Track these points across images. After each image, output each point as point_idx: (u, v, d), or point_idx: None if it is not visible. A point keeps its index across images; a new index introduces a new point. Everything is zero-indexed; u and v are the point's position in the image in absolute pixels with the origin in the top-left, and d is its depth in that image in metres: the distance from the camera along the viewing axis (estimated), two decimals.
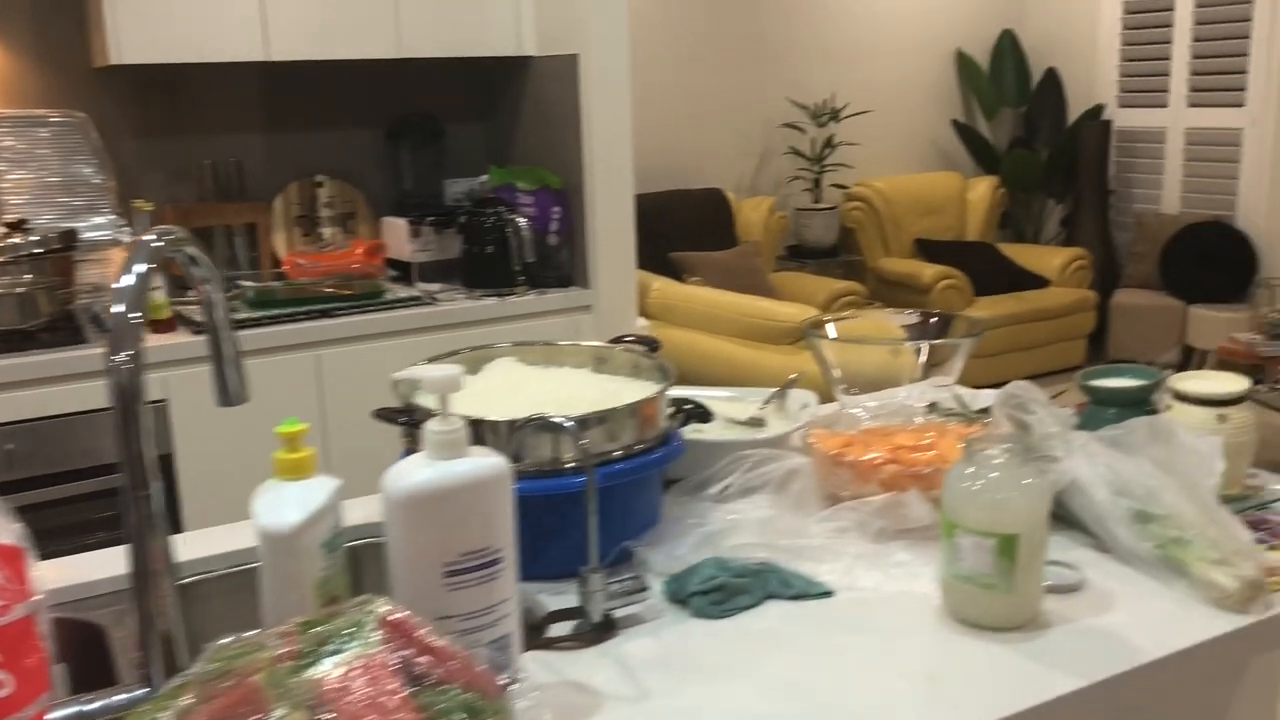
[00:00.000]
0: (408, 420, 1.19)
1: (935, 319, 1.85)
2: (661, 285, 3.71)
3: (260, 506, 0.88)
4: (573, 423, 1.08)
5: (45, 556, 0.95)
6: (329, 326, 2.75)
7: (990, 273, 5.53)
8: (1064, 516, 1.26)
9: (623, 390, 1.28)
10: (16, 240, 2.54)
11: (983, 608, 1.05)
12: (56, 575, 1.16)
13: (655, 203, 5.10)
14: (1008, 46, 6.19)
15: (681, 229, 5.12)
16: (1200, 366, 5.23)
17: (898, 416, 1.43)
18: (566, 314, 2.97)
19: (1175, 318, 5.44)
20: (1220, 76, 5.46)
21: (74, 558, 1.21)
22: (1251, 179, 5.40)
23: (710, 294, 3.41)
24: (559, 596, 1.12)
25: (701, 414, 1.50)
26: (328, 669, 0.69)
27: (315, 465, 0.90)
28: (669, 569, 1.17)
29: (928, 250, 5.70)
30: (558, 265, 2.99)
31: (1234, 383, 1.33)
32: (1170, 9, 5.61)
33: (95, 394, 2.45)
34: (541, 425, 1.09)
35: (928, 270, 5.33)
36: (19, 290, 2.52)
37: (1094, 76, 6.04)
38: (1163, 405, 1.37)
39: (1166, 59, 5.67)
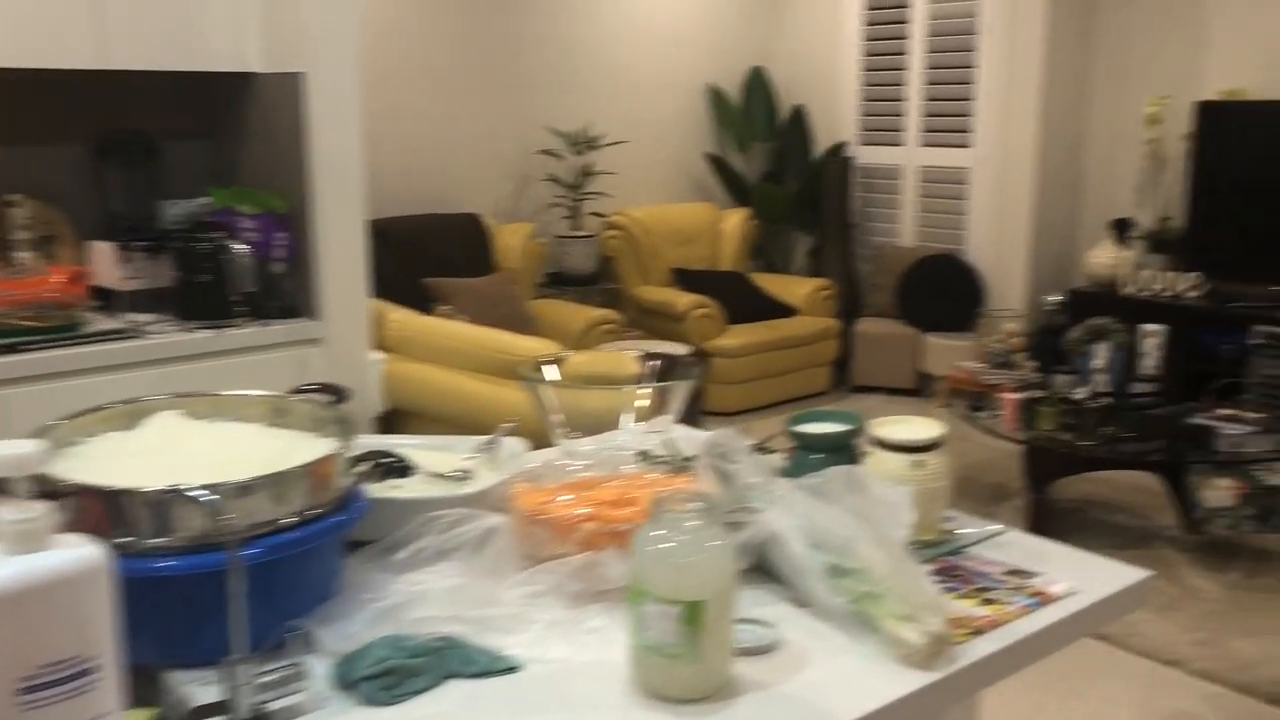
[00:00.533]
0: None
1: (660, 358, 1.81)
2: (401, 316, 3.55)
3: None
4: (213, 494, 0.95)
5: None
6: (18, 363, 2.46)
7: (742, 301, 5.66)
8: (766, 569, 1.23)
9: (298, 448, 1.16)
10: None
11: (670, 679, 1.00)
12: None
13: (409, 227, 4.95)
14: (757, 83, 6.40)
15: (437, 255, 4.98)
16: (936, 392, 5.53)
17: (608, 465, 1.37)
18: (292, 347, 2.78)
19: (912, 345, 5.73)
20: (949, 118, 5.83)
21: None
22: (978, 214, 5.78)
23: (450, 326, 3.27)
24: (213, 686, 0.99)
25: (401, 468, 1.40)
26: None
27: None
28: (342, 649, 1.06)
29: (684, 279, 5.79)
30: (282, 295, 2.81)
31: (929, 428, 1.34)
32: (904, 53, 5.95)
33: None
34: (176, 497, 0.96)
35: (683, 299, 5.40)
36: None
37: (837, 115, 6.33)
38: (863, 451, 1.37)
39: (901, 100, 6.00)
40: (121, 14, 2.64)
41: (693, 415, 5.04)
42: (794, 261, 6.60)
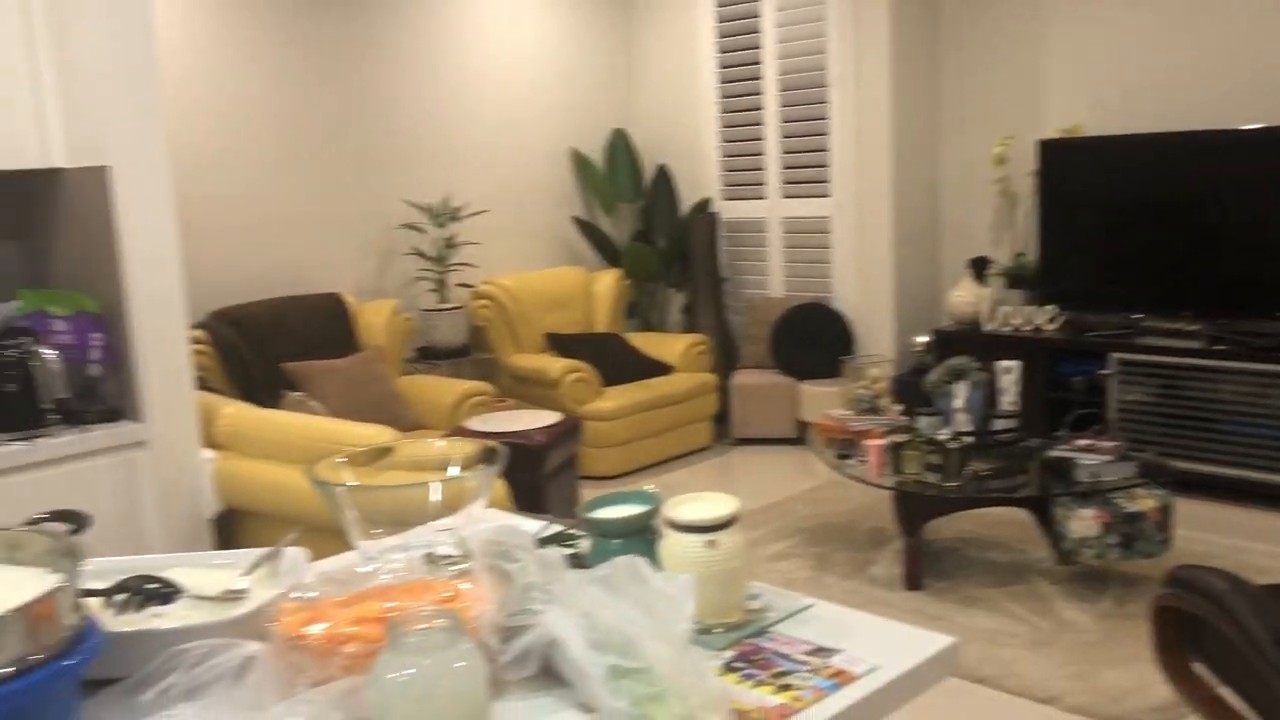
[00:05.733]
0: None
1: (486, 450, 1.73)
2: (234, 410, 3.39)
3: None
4: None
5: None
6: None
7: (618, 362, 5.63)
8: (554, 674, 1.16)
9: (28, 585, 1.05)
10: None
11: None
12: None
13: (265, 312, 4.80)
14: (620, 146, 6.43)
15: (297, 338, 4.84)
16: None
17: (394, 575, 1.28)
18: (116, 452, 2.63)
19: (789, 395, 5.75)
20: (807, 170, 5.92)
21: None
22: (841, 262, 5.86)
23: (283, 418, 3.13)
24: None
25: (165, 593, 1.29)
26: None
27: None
28: None
29: (558, 344, 5.73)
30: (102, 398, 2.66)
31: (722, 506, 1.29)
32: (759, 109, 6.04)
33: None
34: None
35: (556, 364, 5.34)
36: None
37: (700, 172, 6.38)
38: (660, 533, 1.31)
39: (760, 155, 6.08)
40: None
41: (571, 482, 4.91)
42: (669, 319, 6.61)
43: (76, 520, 1.18)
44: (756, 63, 6.02)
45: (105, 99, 2.59)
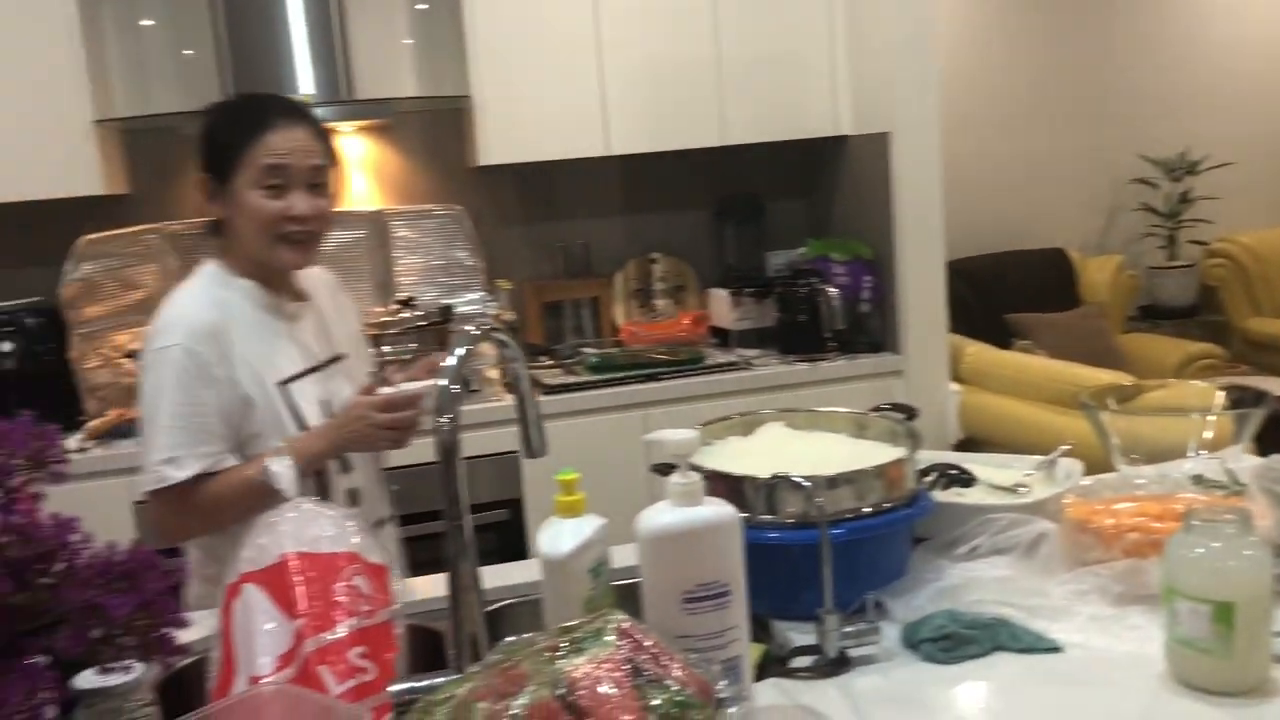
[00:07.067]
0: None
1: (1245, 392, 1.80)
2: (976, 350, 3.69)
3: (542, 538, 1.11)
4: (810, 482, 1.23)
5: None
6: (655, 389, 3.03)
7: None
8: None
9: (873, 454, 1.42)
10: (406, 315, 3.04)
11: (1202, 672, 1.09)
12: (411, 589, 1.47)
13: (991, 264, 5.06)
14: None
15: (1018, 291, 5.03)
16: None
17: (1162, 488, 1.46)
18: (876, 379, 3.08)
19: None
20: None
21: (423, 578, 1.51)
22: None
23: (1023, 359, 3.35)
24: (807, 635, 1.27)
25: (964, 479, 1.60)
26: (575, 661, 0.90)
27: (585, 506, 1.12)
28: (907, 617, 1.29)
29: None
30: (869, 332, 3.12)
31: None
32: None
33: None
34: (784, 483, 1.26)
35: None
36: (405, 357, 3.00)
37: None
38: None
39: None
40: (737, 97, 3.16)
41: None
42: None
43: (909, 411, 1.53)
44: None
45: (889, 75, 3.03)
